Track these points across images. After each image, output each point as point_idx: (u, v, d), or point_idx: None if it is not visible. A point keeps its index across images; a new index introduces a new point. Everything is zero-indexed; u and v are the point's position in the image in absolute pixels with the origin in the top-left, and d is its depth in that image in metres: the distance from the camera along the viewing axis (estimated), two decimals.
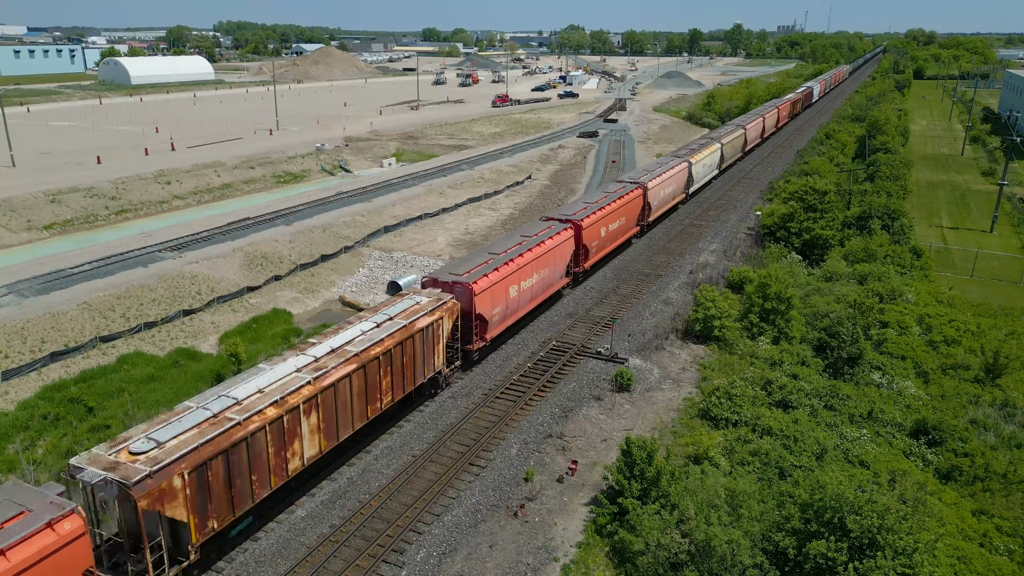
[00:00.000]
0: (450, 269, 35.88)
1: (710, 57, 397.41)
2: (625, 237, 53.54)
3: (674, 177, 61.23)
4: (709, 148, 73.24)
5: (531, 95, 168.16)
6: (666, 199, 60.78)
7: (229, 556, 23.06)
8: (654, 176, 57.77)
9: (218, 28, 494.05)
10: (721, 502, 23.23)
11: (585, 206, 47.91)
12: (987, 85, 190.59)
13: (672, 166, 62.03)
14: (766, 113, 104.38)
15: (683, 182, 64.37)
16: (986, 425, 31.28)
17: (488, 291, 34.66)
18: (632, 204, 53.37)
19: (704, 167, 70.67)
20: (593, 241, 46.55)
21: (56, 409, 31.68)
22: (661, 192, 58.37)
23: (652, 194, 55.36)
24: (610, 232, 49.63)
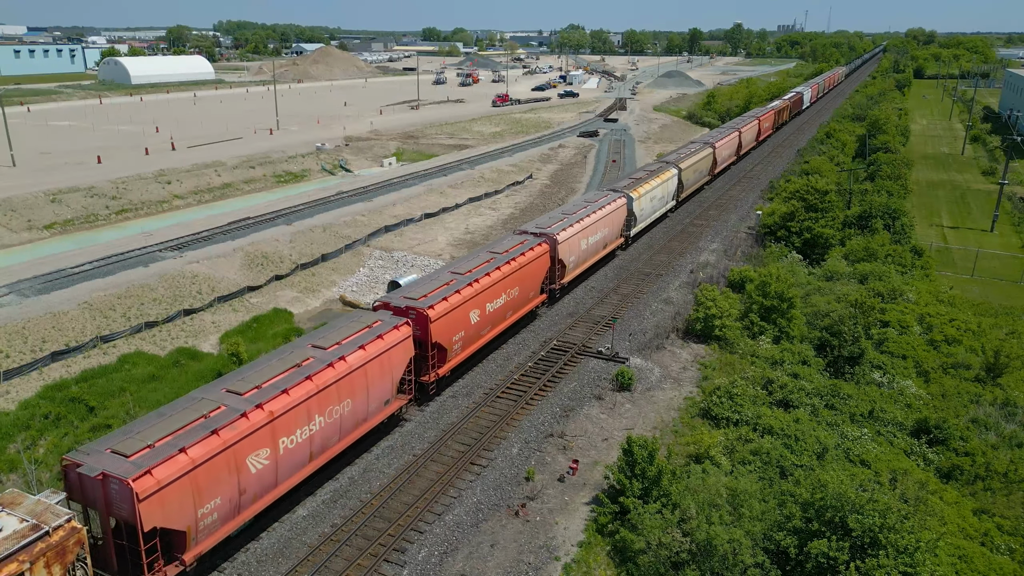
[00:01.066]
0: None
1: (710, 57, 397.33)
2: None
3: (603, 220, 47.43)
4: (661, 176, 59.15)
5: (531, 95, 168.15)
6: (590, 251, 46.41)
7: (231, 555, 23.07)
8: (570, 223, 43.74)
9: (218, 28, 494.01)
10: (722, 501, 23.23)
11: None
12: (987, 84, 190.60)
13: (601, 206, 48.02)
14: (743, 126, 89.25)
15: (619, 223, 50.78)
16: (987, 424, 31.30)
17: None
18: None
19: (652, 201, 56.87)
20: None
21: (57, 409, 31.68)
22: (580, 243, 44.44)
23: (566, 247, 42.16)
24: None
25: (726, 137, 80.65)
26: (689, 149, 71.41)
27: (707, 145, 74.12)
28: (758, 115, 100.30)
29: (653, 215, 58.63)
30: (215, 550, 22.40)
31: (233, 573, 22.47)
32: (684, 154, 68.34)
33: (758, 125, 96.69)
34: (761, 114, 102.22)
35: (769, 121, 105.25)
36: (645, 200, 54.76)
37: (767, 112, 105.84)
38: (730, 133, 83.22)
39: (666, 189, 60.04)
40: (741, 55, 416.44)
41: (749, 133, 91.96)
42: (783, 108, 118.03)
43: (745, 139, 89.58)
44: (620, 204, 50.35)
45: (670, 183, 60.68)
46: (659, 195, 58.28)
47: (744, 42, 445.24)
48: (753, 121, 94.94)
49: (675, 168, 62.44)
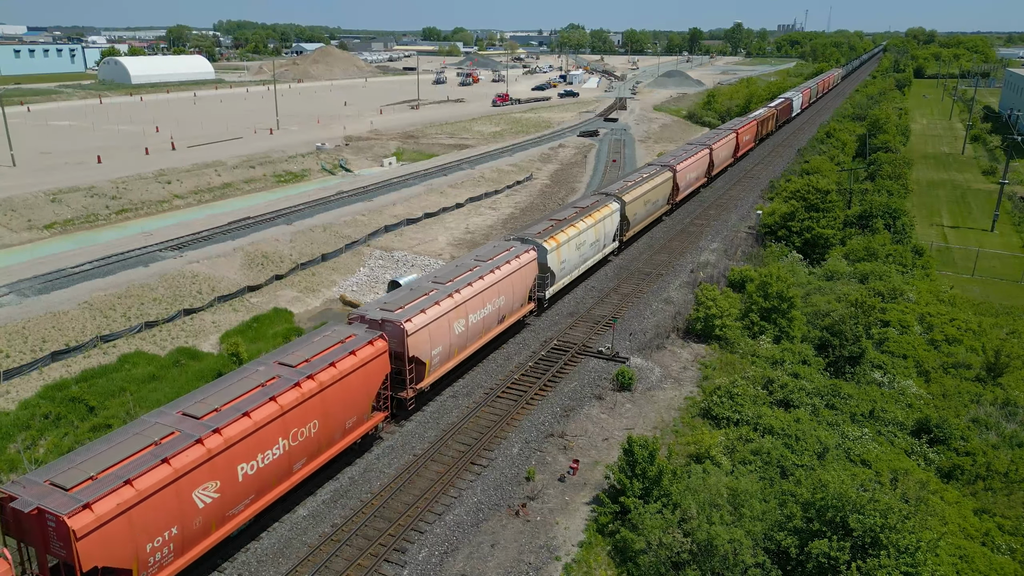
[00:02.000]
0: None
1: (710, 56, 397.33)
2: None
3: (498, 286, 35.49)
4: (595, 214, 45.87)
5: (531, 94, 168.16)
6: (465, 338, 33.68)
7: (231, 555, 23.05)
8: (423, 307, 30.64)
9: (218, 27, 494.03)
10: (723, 501, 23.21)
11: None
12: (987, 84, 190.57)
13: (497, 265, 36.09)
14: (716, 142, 75.54)
15: (523, 289, 38.37)
16: (987, 424, 31.29)
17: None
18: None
19: (575, 251, 43.91)
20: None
21: (57, 408, 31.68)
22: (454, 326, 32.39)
23: (415, 340, 29.54)
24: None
25: (693, 157, 67.64)
26: (641, 175, 57.36)
27: (666, 168, 60.62)
28: (736, 127, 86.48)
29: (582, 266, 45.19)
30: None
31: (233, 573, 22.45)
32: (633, 181, 55.09)
33: (735, 139, 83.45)
34: (740, 126, 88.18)
35: (750, 133, 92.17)
36: (565, 250, 42.38)
37: (747, 123, 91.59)
38: (697, 152, 69.65)
39: (602, 231, 46.56)
40: (741, 55, 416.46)
41: (724, 149, 78.37)
42: (767, 118, 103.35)
43: (719, 156, 76.39)
44: (524, 263, 37.95)
45: (605, 224, 47.25)
46: (590, 239, 45.06)
47: (744, 42, 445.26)
48: (729, 135, 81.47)
49: (616, 202, 49.54)
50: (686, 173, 64.86)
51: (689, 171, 65.68)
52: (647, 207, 55.27)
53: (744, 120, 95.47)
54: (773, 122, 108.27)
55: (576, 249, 44.08)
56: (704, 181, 73.25)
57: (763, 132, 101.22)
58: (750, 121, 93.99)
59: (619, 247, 51.75)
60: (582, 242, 44.72)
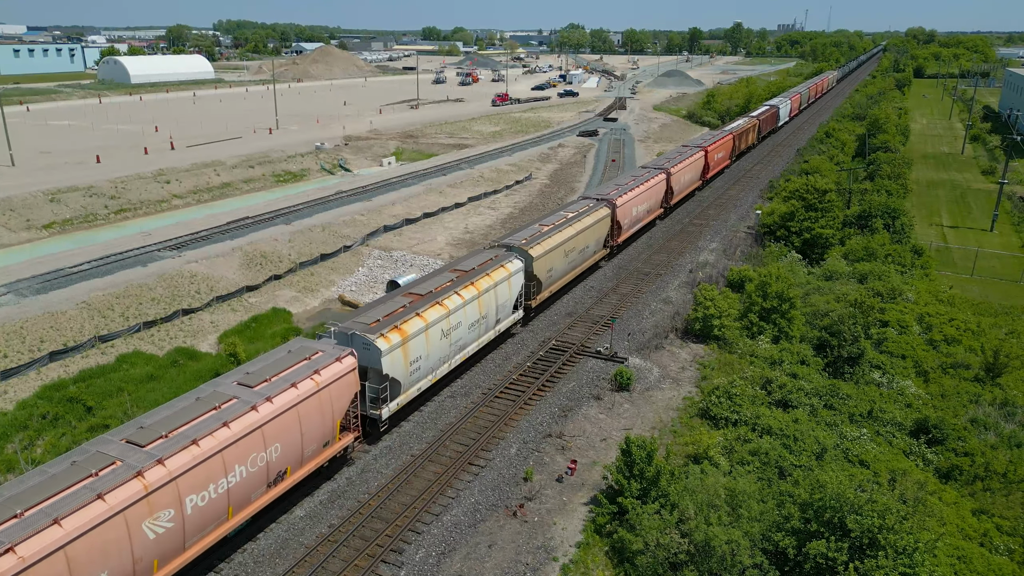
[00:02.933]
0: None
1: (710, 56, 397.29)
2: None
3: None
4: (488, 277, 34.65)
5: (531, 94, 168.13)
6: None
7: (228, 556, 23.01)
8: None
9: (218, 27, 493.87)
10: (721, 502, 23.17)
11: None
12: (987, 84, 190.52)
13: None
14: (676, 165, 61.66)
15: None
16: (986, 424, 31.24)
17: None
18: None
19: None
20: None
21: (55, 409, 31.65)
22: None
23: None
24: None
25: (644, 185, 53.51)
26: (564, 215, 44.50)
27: (603, 203, 47.50)
28: (706, 144, 72.84)
29: (458, 356, 33.24)
30: None
31: (230, 574, 22.41)
32: (549, 225, 42.71)
33: (703, 159, 70.06)
34: (711, 141, 74.87)
35: (724, 149, 78.56)
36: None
37: (720, 139, 77.35)
38: (650, 179, 55.96)
39: (488, 305, 34.65)
40: (741, 54, 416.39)
41: (686, 172, 64.25)
42: (747, 130, 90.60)
43: (680, 182, 62.36)
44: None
45: (500, 291, 35.40)
46: (471, 317, 33.30)
47: (744, 41, 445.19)
48: (696, 154, 68.14)
49: (519, 258, 37.63)
50: (632, 206, 51.40)
51: (637, 202, 52.11)
52: (568, 260, 43.06)
53: (717, 135, 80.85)
54: (754, 134, 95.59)
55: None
56: (659, 213, 59.65)
57: (742, 146, 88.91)
58: (724, 136, 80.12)
59: (525, 316, 40.49)
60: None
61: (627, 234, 51.57)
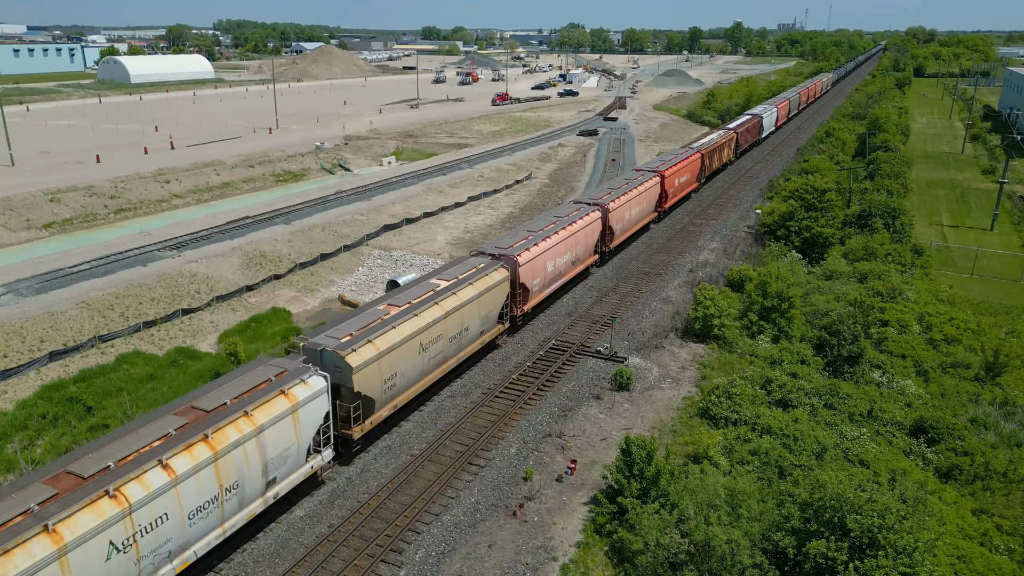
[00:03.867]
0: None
1: (710, 55, 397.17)
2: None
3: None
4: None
5: (531, 93, 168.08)
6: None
7: (227, 556, 23.01)
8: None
9: (218, 27, 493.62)
10: (720, 501, 23.18)
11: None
12: (987, 83, 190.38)
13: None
14: (616, 199, 48.96)
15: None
16: (986, 424, 31.24)
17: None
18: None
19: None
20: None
21: (55, 408, 31.64)
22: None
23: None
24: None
25: (566, 230, 42.47)
26: (456, 273, 34.45)
27: (498, 265, 35.99)
28: (662, 168, 58.72)
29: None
30: None
31: (230, 574, 22.41)
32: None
33: (658, 187, 56.61)
34: (671, 163, 60.25)
35: (690, 171, 64.86)
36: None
37: (682, 160, 63.23)
38: (581, 219, 44.57)
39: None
40: (741, 54, 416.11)
41: (635, 205, 51.64)
42: (720, 146, 77.10)
43: (622, 219, 49.30)
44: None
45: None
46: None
47: (744, 41, 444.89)
48: (647, 183, 54.21)
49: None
50: (543, 261, 39.51)
51: (552, 255, 40.59)
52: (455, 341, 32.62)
53: (681, 154, 66.67)
54: (730, 149, 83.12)
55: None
56: (592, 261, 47.73)
57: (714, 164, 76.20)
58: (690, 156, 66.12)
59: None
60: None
61: (539, 297, 40.26)
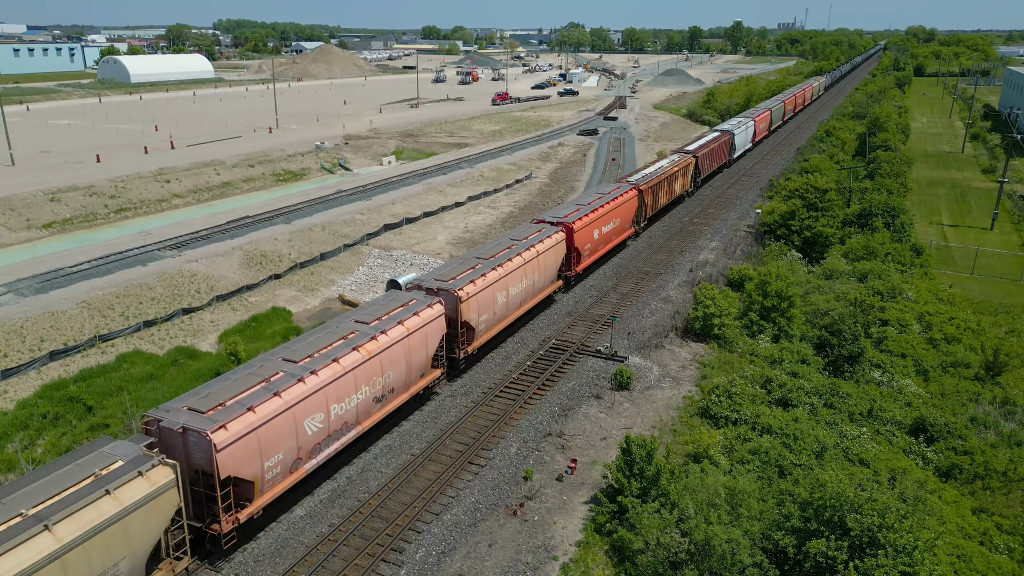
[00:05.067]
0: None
1: (710, 55, 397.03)
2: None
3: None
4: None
5: (531, 93, 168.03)
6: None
7: (228, 556, 23.02)
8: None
9: (218, 26, 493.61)
10: (721, 501, 23.19)
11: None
12: (987, 82, 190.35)
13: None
14: (466, 287, 32.87)
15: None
16: (986, 423, 31.24)
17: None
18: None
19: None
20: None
21: (55, 408, 31.66)
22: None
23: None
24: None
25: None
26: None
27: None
28: (571, 219, 43.20)
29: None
30: None
31: (231, 573, 22.43)
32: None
33: (565, 243, 42.21)
34: (589, 209, 45.35)
35: (619, 216, 48.94)
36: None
37: (607, 204, 47.35)
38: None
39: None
40: (741, 53, 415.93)
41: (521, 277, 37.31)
42: (670, 175, 59.49)
43: (474, 314, 33.64)
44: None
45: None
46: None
47: (744, 40, 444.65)
48: (549, 239, 40.28)
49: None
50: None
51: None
52: None
53: (609, 192, 49.27)
54: (686, 179, 65.17)
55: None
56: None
57: (661, 201, 58.48)
58: (620, 195, 49.34)
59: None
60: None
61: (390, 408, 29.35)
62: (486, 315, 34.57)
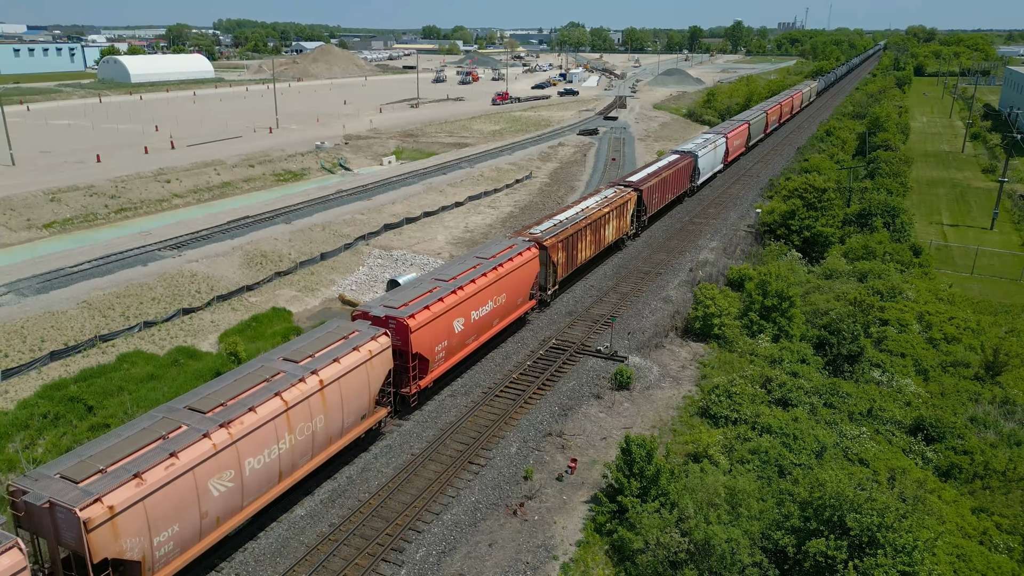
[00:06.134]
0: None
1: (710, 54, 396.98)
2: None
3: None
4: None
5: (531, 93, 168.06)
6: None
7: (229, 555, 23.06)
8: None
9: (218, 26, 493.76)
10: (720, 500, 23.22)
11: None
12: (988, 82, 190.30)
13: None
14: (286, 395, 23.38)
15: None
16: (986, 423, 31.27)
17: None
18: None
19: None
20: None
21: (56, 408, 31.70)
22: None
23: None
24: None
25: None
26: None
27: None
28: (400, 314, 29.20)
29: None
30: None
31: (231, 573, 22.46)
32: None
33: (386, 355, 28.34)
34: (418, 306, 29.98)
35: (510, 288, 36.14)
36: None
37: (498, 270, 35.03)
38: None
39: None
40: (741, 53, 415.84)
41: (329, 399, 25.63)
42: (595, 221, 45.89)
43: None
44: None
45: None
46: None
47: (744, 40, 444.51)
48: (370, 342, 27.23)
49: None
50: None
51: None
52: None
53: (490, 259, 35.93)
54: (623, 220, 50.37)
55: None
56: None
57: (580, 258, 44.54)
58: (517, 255, 36.98)
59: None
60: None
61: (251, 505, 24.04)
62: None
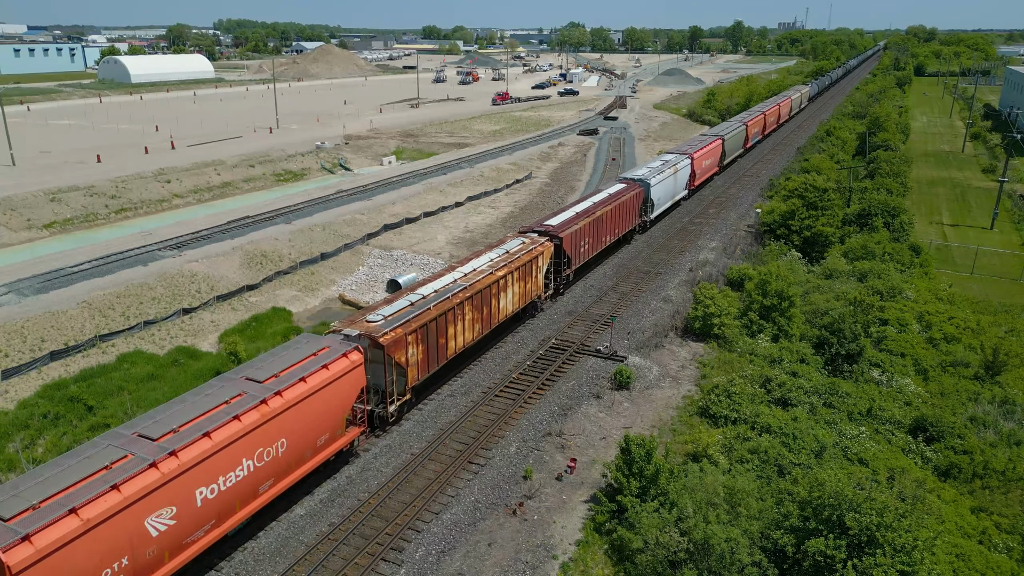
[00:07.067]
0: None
1: (710, 54, 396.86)
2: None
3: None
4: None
5: (531, 93, 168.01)
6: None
7: (228, 555, 23.08)
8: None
9: (218, 26, 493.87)
10: (720, 500, 23.23)
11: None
12: (988, 82, 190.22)
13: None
14: None
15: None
16: (985, 422, 31.28)
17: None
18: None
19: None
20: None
21: (56, 408, 31.73)
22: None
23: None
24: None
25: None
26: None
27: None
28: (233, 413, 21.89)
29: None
30: None
31: (231, 572, 22.49)
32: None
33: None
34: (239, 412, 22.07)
35: (332, 398, 25.10)
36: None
37: (312, 375, 24.50)
38: None
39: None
40: (741, 53, 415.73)
41: None
42: (485, 288, 34.22)
43: None
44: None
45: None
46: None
47: (744, 40, 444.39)
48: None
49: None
50: None
51: None
52: None
53: (300, 364, 25.09)
54: (529, 281, 38.78)
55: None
56: None
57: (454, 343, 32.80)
58: (329, 364, 25.10)
59: None
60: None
61: None
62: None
